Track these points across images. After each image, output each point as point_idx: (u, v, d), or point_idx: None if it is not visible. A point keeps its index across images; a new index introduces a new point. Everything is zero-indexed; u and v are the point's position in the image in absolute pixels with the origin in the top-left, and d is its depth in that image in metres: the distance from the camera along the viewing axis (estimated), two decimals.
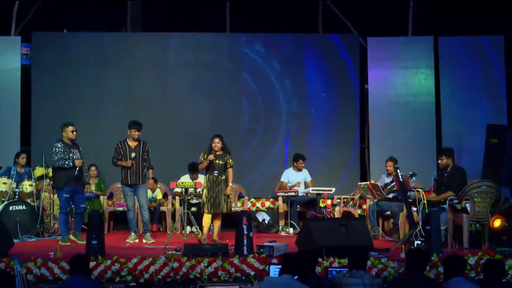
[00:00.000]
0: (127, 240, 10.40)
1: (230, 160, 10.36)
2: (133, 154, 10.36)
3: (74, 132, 10.38)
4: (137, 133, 10.45)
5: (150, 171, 10.68)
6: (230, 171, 10.38)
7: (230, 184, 10.40)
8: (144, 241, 10.38)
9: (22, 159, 11.46)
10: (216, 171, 10.21)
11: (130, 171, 10.37)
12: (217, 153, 10.28)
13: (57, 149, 10.18)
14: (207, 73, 13.13)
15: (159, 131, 12.84)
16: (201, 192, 10.75)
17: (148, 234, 10.47)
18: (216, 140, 10.31)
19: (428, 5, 13.04)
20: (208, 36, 13.27)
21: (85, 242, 10.00)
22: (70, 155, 10.21)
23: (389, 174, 11.45)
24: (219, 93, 13.13)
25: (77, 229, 10.46)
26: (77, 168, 10.22)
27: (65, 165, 10.14)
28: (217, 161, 10.23)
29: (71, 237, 10.32)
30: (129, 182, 10.39)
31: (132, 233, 10.53)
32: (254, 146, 13.10)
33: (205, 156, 10.28)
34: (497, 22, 12.96)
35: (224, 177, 10.28)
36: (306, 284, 6.26)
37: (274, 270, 7.27)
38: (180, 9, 13.34)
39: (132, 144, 10.45)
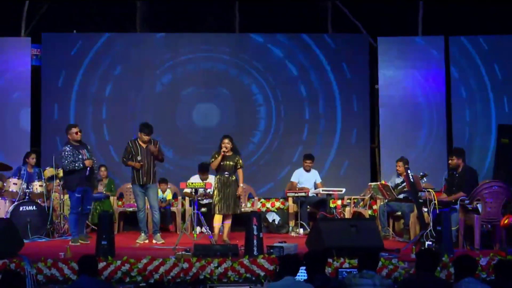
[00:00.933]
0: (137, 241, 10.37)
1: (240, 161, 10.33)
2: (139, 157, 10.30)
3: (79, 133, 10.35)
4: (147, 137, 10.32)
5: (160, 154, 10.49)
6: (240, 172, 10.35)
7: (241, 185, 10.38)
8: (154, 241, 10.35)
9: (32, 159, 11.47)
10: (226, 172, 10.19)
11: (141, 171, 10.30)
12: (227, 153, 10.27)
13: (66, 153, 10.18)
14: (216, 73, 13.13)
15: (168, 131, 12.86)
16: (211, 192, 10.74)
17: (158, 234, 10.43)
18: (226, 140, 10.27)
19: (438, 5, 13.00)
20: (217, 36, 13.26)
21: (89, 241, 10.15)
22: (80, 156, 10.21)
23: (399, 175, 11.40)
24: (228, 93, 13.12)
25: (81, 230, 10.50)
26: (88, 168, 10.23)
27: (76, 167, 10.16)
28: (227, 162, 10.21)
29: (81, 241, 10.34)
30: (140, 182, 10.35)
31: (142, 234, 10.49)
32: (264, 146, 13.08)
33: (216, 156, 10.27)
34: (508, 21, 12.91)
35: (234, 177, 10.25)
36: (313, 284, 6.24)
37: None
38: (189, 9, 13.34)
39: (143, 144, 10.41)
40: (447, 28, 13.08)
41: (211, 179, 11.14)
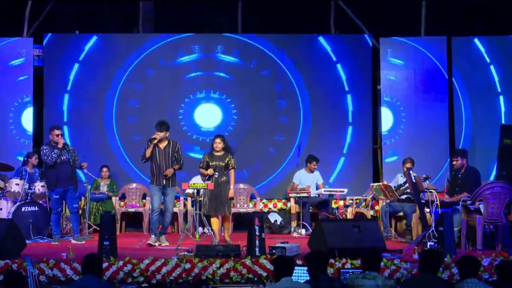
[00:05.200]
0: (148, 242, 10.19)
1: (232, 161, 10.25)
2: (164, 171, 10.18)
3: (60, 136, 10.41)
4: (159, 133, 10.16)
5: (176, 166, 10.25)
6: (232, 172, 10.28)
7: (231, 186, 10.30)
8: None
9: (35, 160, 11.47)
10: (216, 173, 10.16)
11: (157, 171, 10.17)
12: (218, 153, 10.23)
13: (45, 151, 10.32)
14: (219, 74, 13.12)
15: (171, 132, 12.85)
16: None
17: (164, 236, 10.27)
18: (218, 140, 10.26)
19: (440, 5, 13.00)
20: (220, 36, 13.25)
21: (84, 241, 10.23)
22: (55, 150, 10.30)
23: (405, 175, 11.36)
24: (231, 94, 13.11)
25: (75, 231, 10.52)
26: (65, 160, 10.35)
27: (54, 154, 10.22)
28: (216, 162, 10.18)
29: (73, 241, 10.32)
30: (160, 183, 10.18)
31: (153, 236, 10.24)
32: (266, 146, 13.07)
33: (206, 159, 10.26)
34: (510, 21, 12.90)
35: (225, 178, 10.20)
36: (317, 285, 6.23)
37: None
38: (191, 9, 13.36)
39: (162, 145, 10.23)
40: (449, 28, 13.07)
41: None
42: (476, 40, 13.04)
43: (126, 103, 12.98)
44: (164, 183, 10.19)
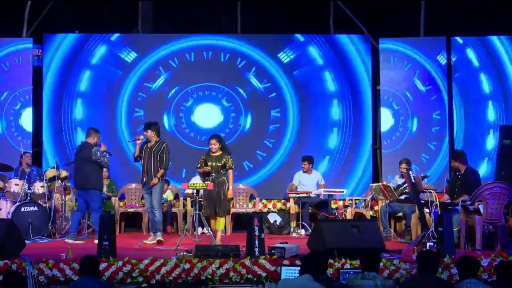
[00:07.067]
0: (145, 241, 10.28)
1: (230, 162, 10.13)
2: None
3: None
4: (145, 134, 10.42)
5: (159, 171, 10.27)
6: (230, 172, 10.17)
7: (231, 187, 10.21)
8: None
9: (28, 158, 11.49)
10: (213, 173, 10.13)
11: (143, 171, 10.34)
12: (215, 154, 10.16)
13: (101, 152, 10.49)
14: (219, 74, 13.12)
15: (172, 132, 12.88)
16: None
17: (158, 233, 10.27)
18: (213, 141, 10.17)
19: (440, 5, 12.99)
20: (220, 37, 13.25)
21: (83, 241, 10.26)
22: (107, 152, 10.63)
23: (403, 176, 11.37)
24: (231, 94, 13.12)
25: (74, 231, 10.58)
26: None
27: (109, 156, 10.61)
28: (213, 163, 10.12)
29: (70, 241, 10.33)
30: (142, 181, 10.42)
31: (152, 234, 10.38)
32: (265, 147, 13.08)
33: (203, 158, 10.21)
34: (510, 21, 12.90)
35: (222, 179, 10.11)
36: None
37: (285, 272, 7.25)
38: (190, 9, 13.34)
39: (150, 144, 10.38)
40: (449, 28, 13.06)
41: None
42: (476, 40, 13.05)
43: (125, 102, 12.98)
44: (144, 180, 10.36)
